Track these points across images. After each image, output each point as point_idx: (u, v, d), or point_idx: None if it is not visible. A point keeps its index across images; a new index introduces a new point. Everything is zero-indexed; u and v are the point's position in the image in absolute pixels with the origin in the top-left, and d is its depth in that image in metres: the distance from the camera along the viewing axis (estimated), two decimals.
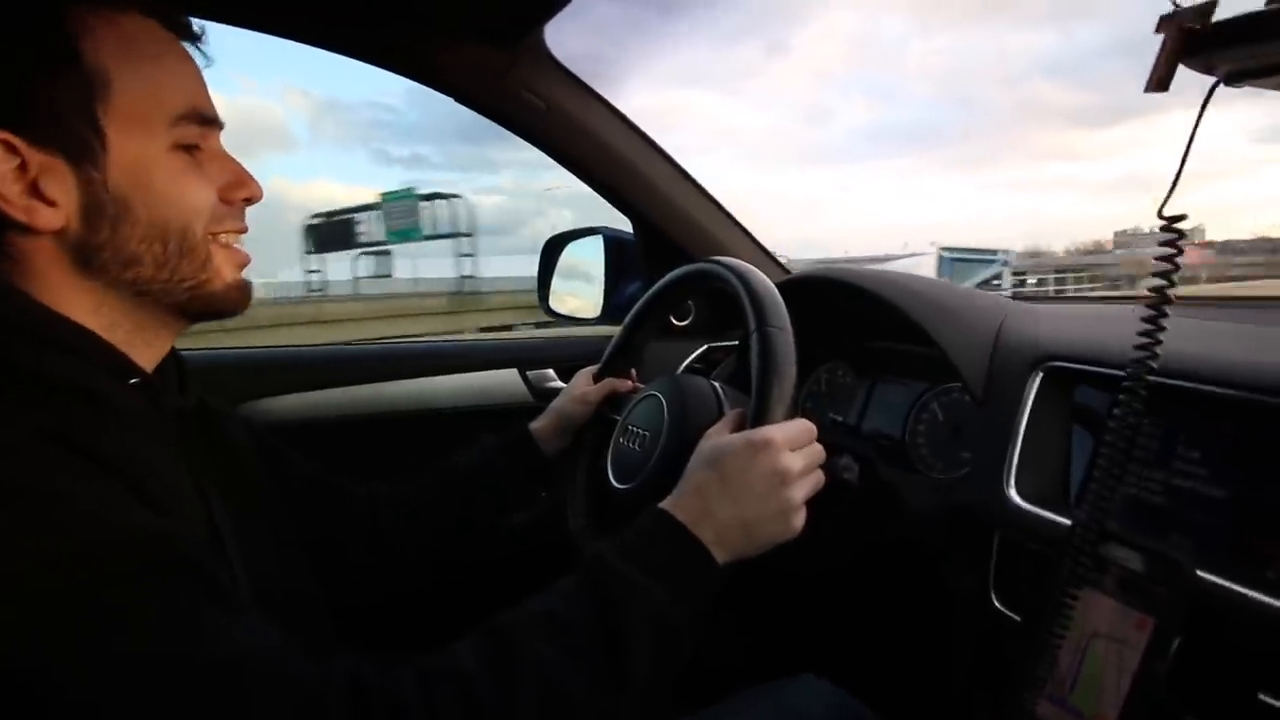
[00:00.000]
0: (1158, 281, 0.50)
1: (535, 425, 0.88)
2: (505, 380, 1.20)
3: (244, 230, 0.56)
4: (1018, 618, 0.59)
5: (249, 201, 0.56)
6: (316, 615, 0.63)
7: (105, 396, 0.46)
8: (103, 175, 0.48)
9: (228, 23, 0.84)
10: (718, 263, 0.74)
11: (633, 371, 0.91)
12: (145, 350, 0.53)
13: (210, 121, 0.53)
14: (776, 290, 0.67)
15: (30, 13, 0.46)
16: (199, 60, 0.54)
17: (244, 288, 0.57)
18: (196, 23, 0.54)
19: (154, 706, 0.38)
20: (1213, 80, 0.46)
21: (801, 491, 0.59)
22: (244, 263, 0.57)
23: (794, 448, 0.59)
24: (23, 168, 0.46)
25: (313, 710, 0.41)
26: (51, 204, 0.47)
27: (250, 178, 0.56)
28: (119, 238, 0.49)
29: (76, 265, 0.49)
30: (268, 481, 0.66)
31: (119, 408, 0.47)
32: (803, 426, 0.60)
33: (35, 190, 0.47)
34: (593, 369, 0.91)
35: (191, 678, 0.39)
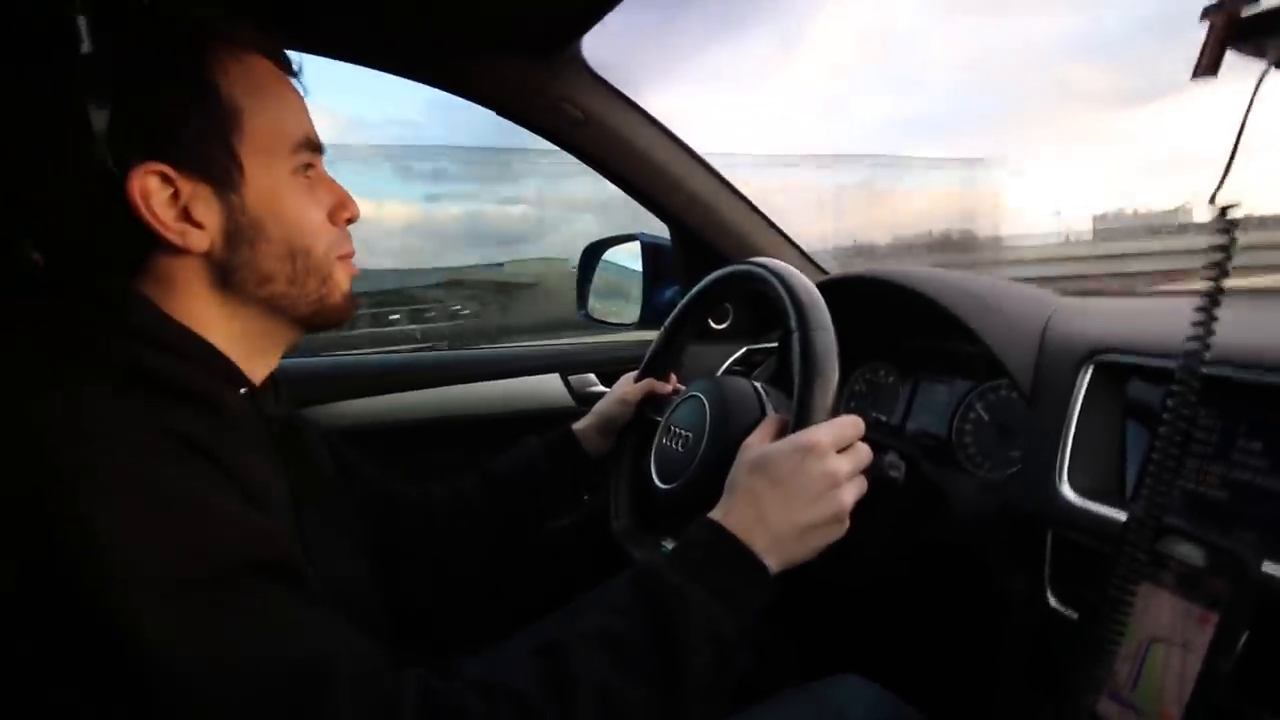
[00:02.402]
0: (1211, 271, 0.49)
1: (578, 426, 0.89)
2: (548, 385, 1.22)
3: (352, 253, 0.62)
4: (1075, 615, 0.58)
5: (350, 221, 0.61)
6: (378, 618, 0.65)
7: (222, 402, 0.50)
8: (241, 199, 0.53)
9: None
10: (757, 264, 0.74)
11: (672, 376, 0.92)
12: (261, 360, 0.58)
13: (318, 147, 0.58)
14: (817, 291, 0.67)
15: (176, 54, 0.52)
16: (300, 92, 0.59)
17: (354, 300, 0.62)
18: (295, 59, 0.59)
19: (248, 694, 0.40)
20: (1264, 64, 0.46)
21: (851, 494, 0.58)
22: (355, 275, 0.62)
23: (841, 448, 0.59)
24: (176, 195, 0.51)
25: (388, 713, 0.43)
26: (200, 226, 0.52)
27: (351, 199, 0.61)
28: (256, 257, 0.54)
29: (217, 283, 0.54)
30: (341, 487, 0.69)
31: (232, 414, 0.50)
32: (849, 423, 0.60)
33: (186, 215, 0.52)
34: (636, 373, 0.92)
35: (286, 671, 0.41)
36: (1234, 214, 0.48)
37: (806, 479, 0.57)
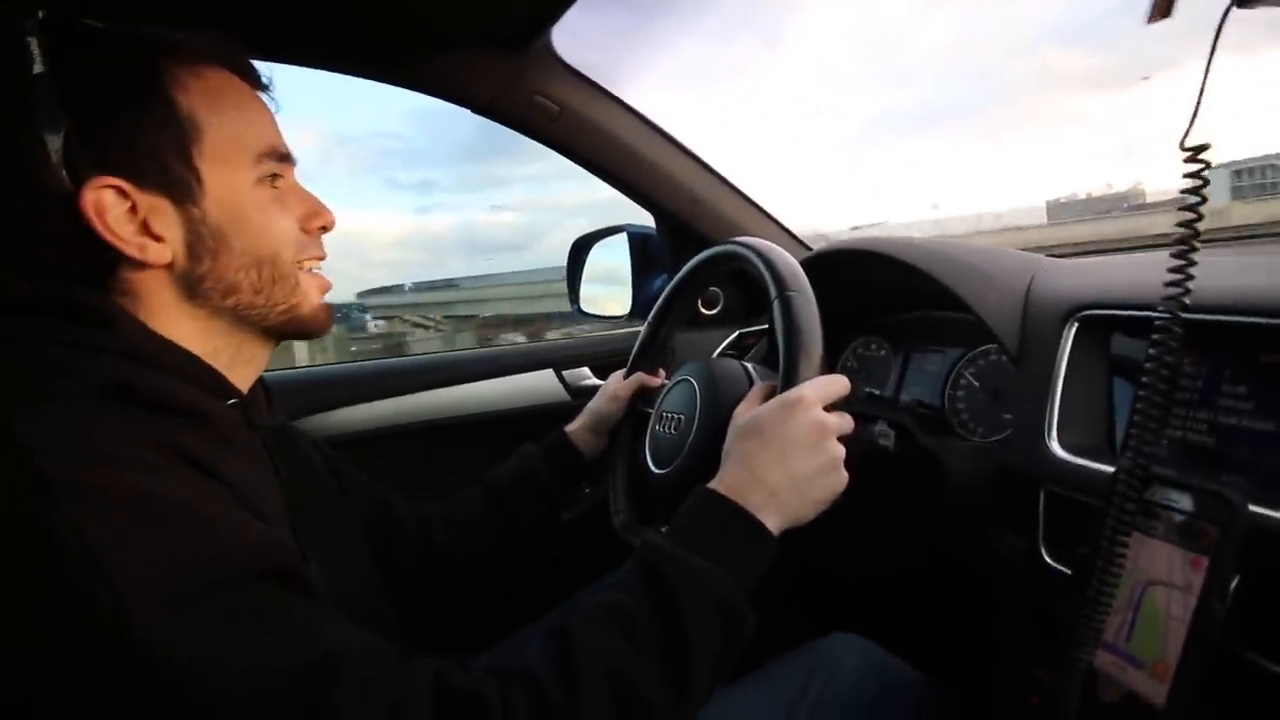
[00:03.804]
0: (1185, 215, 0.48)
1: (571, 428, 0.89)
2: (542, 381, 1.22)
3: (324, 257, 0.62)
4: (1069, 571, 0.58)
5: (324, 229, 0.61)
6: (383, 621, 0.66)
7: (209, 415, 0.50)
8: (201, 211, 0.53)
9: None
10: (734, 242, 0.74)
11: (660, 371, 0.92)
12: (243, 372, 0.58)
13: (286, 158, 0.58)
14: (794, 259, 0.67)
15: (131, 71, 0.51)
16: (270, 105, 0.59)
17: (329, 310, 0.62)
18: (264, 72, 0.59)
19: (263, 698, 0.40)
20: (1226, 4, 0.45)
21: (843, 448, 0.59)
22: (326, 288, 0.62)
23: (827, 402, 0.59)
24: (133, 209, 0.51)
25: (402, 705, 0.43)
26: (159, 240, 0.52)
27: (325, 208, 0.60)
28: (219, 267, 0.54)
29: (183, 295, 0.54)
30: (337, 495, 0.69)
31: (221, 425, 0.50)
32: (833, 379, 0.61)
33: (145, 228, 0.51)
34: (624, 370, 0.92)
35: (298, 672, 0.41)
36: (1204, 156, 0.48)
37: (796, 431, 0.57)
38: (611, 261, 1.35)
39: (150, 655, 0.39)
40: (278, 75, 0.60)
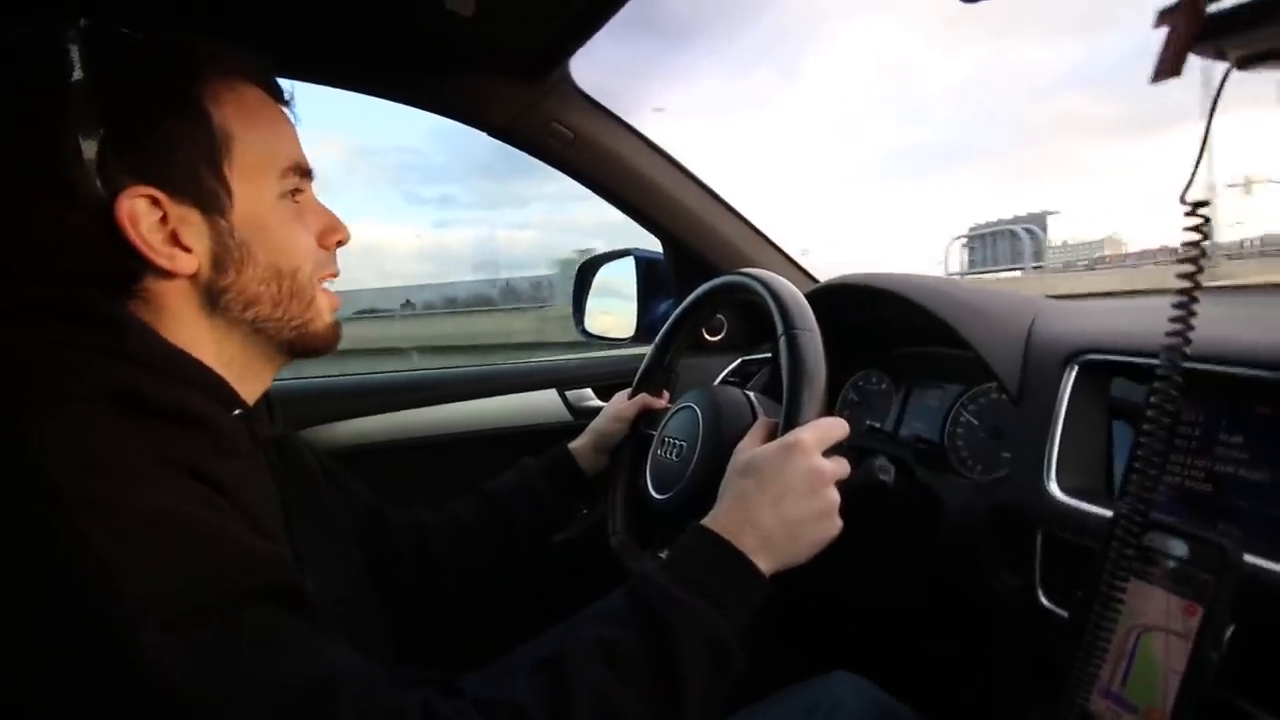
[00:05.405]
0: (1186, 267, 0.50)
1: (574, 445, 0.90)
2: (545, 401, 1.23)
3: (337, 274, 0.62)
4: (1065, 614, 0.58)
5: (340, 244, 0.62)
6: (377, 633, 0.65)
7: (219, 425, 0.50)
8: (228, 224, 0.54)
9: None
10: (743, 273, 0.75)
11: (665, 394, 0.92)
12: (251, 384, 0.58)
13: (307, 173, 0.59)
14: (801, 295, 0.68)
15: (168, 82, 0.52)
16: (291, 119, 0.60)
17: (338, 328, 0.62)
18: (286, 88, 0.60)
19: (262, 718, 0.40)
20: (1225, 66, 0.47)
21: (838, 495, 0.59)
22: (337, 305, 0.62)
23: (825, 446, 0.60)
24: (164, 219, 0.52)
25: None
26: (188, 250, 0.53)
27: (341, 223, 0.62)
28: (242, 279, 0.55)
29: (204, 306, 0.54)
30: (333, 504, 0.69)
31: (228, 437, 0.51)
32: (833, 424, 0.61)
33: (174, 238, 0.52)
34: (629, 390, 0.93)
35: (293, 696, 0.41)
36: (1204, 211, 0.49)
37: (793, 476, 0.58)
38: (617, 285, 1.37)
39: (152, 671, 0.39)
40: (303, 90, 0.62)
